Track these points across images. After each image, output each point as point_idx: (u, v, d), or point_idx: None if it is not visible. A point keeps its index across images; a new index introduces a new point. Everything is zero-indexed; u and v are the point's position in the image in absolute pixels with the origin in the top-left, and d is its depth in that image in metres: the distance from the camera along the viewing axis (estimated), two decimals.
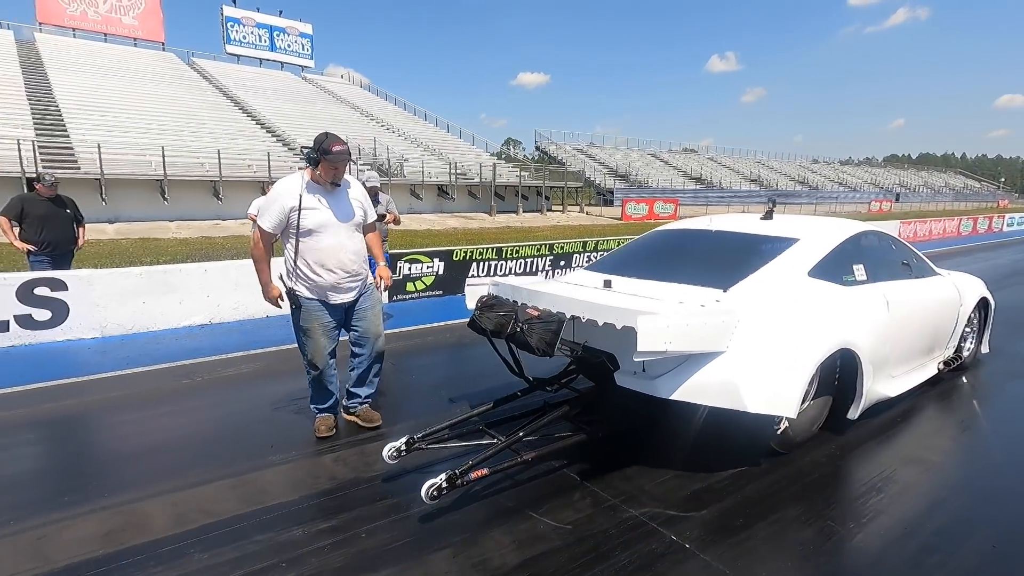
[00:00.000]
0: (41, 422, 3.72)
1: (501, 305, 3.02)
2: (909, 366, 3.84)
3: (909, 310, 3.68)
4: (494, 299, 3.15)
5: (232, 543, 2.34)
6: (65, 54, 28.41)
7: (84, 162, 18.14)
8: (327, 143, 2.95)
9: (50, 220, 5.58)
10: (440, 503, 2.55)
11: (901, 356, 3.67)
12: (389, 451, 2.82)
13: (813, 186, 53.45)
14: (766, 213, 3.89)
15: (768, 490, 2.79)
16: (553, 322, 2.70)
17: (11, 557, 2.24)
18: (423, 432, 2.96)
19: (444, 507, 2.59)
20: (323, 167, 2.99)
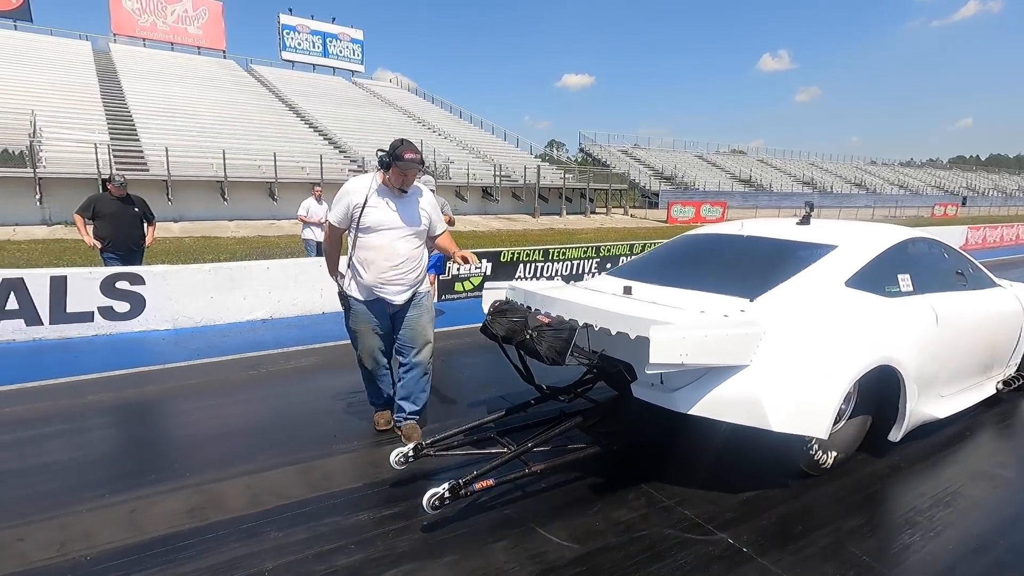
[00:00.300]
0: (125, 406, 4.02)
1: (513, 311, 2.93)
2: (962, 385, 3.57)
3: (962, 324, 3.42)
4: (506, 304, 3.06)
5: (302, 524, 2.49)
6: (136, 63, 30.21)
7: (153, 164, 19.26)
8: (400, 149, 2.96)
9: (119, 218, 5.89)
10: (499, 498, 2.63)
11: (952, 374, 3.42)
12: (397, 456, 2.79)
13: (871, 189, 51.09)
14: (803, 218, 3.66)
15: (826, 499, 2.75)
16: (564, 330, 2.61)
17: (109, 527, 2.46)
18: (433, 438, 2.96)
19: (504, 501, 2.67)
20: (393, 172, 3.01)
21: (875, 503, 2.79)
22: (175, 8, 35.06)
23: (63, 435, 3.45)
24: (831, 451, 2.90)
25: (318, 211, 8.39)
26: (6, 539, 2.36)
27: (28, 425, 3.56)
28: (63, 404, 3.93)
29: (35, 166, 16.80)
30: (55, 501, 2.65)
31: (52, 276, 5.62)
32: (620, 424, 3.16)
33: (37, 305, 5.54)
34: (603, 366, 2.82)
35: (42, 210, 16.78)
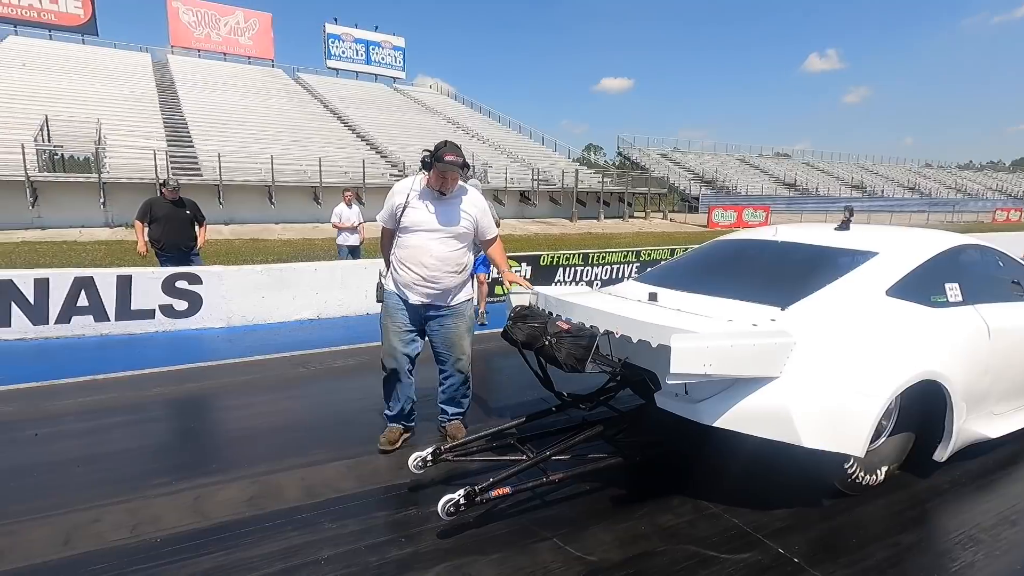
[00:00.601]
0: (184, 399, 4.24)
1: (534, 316, 2.88)
2: (1018, 402, 3.34)
3: (1018, 337, 3.19)
4: (527, 309, 3.01)
5: (354, 516, 2.57)
6: (192, 73, 31.68)
7: (206, 169, 20.16)
8: (442, 151, 2.93)
9: (171, 221, 6.19)
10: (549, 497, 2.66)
11: (1007, 391, 3.19)
12: (415, 460, 2.77)
13: (926, 193, 48.84)
14: (841, 223, 3.48)
15: (881, 513, 2.67)
16: (584, 337, 2.56)
17: (176, 512, 2.60)
18: (452, 443, 2.97)
19: (549, 502, 2.70)
20: (434, 173, 2.99)
21: (934, 518, 2.69)
22: (228, 20, 36.64)
23: (130, 425, 3.67)
24: (869, 470, 2.77)
25: (349, 216, 8.49)
26: (84, 520, 2.53)
27: (98, 415, 3.80)
28: (129, 396, 4.17)
29: (100, 172, 17.82)
30: (126, 486, 2.82)
31: (119, 275, 5.98)
32: (645, 434, 3.09)
33: (105, 302, 5.90)
34: (626, 374, 2.76)
35: (105, 213, 17.77)
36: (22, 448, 3.29)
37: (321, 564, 2.24)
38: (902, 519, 2.63)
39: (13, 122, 19.03)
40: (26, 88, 22.89)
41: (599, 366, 2.60)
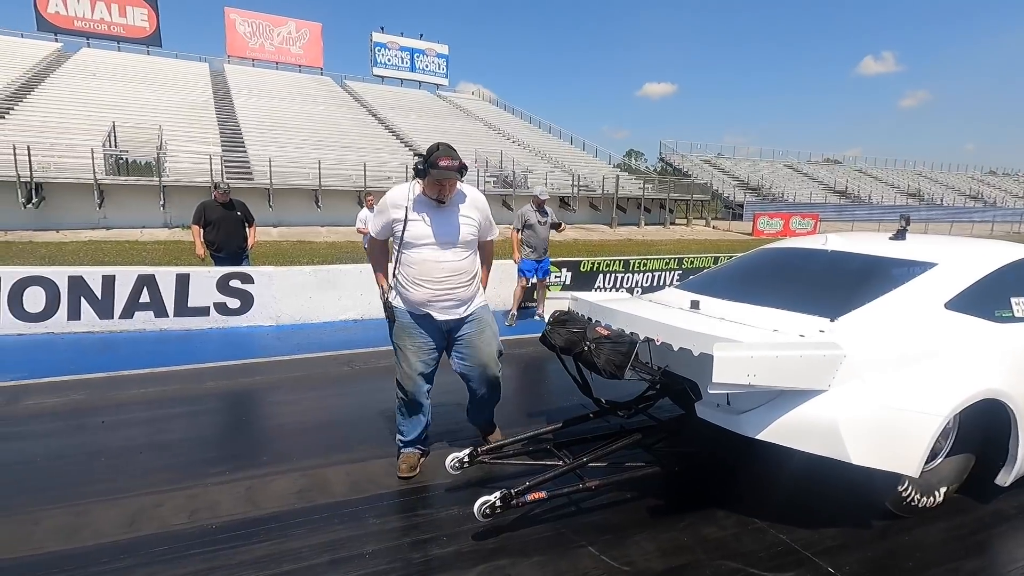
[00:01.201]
0: (237, 393, 4.42)
1: (574, 321, 2.85)
2: None
3: None
4: (566, 315, 2.97)
5: (398, 513, 2.64)
6: (246, 81, 33.08)
7: (257, 173, 20.97)
8: (435, 156, 2.66)
9: (223, 223, 6.46)
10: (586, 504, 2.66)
11: None
12: (452, 461, 2.79)
13: (990, 201, 46.18)
14: (897, 232, 3.35)
15: (940, 536, 2.55)
16: (624, 343, 2.54)
17: (231, 500, 2.72)
18: (488, 445, 2.98)
19: (588, 508, 2.69)
20: (428, 181, 2.72)
21: (998, 545, 2.54)
22: (280, 31, 38.13)
23: (187, 416, 3.86)
24: (925, 491, 2.63)
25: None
26: (147, 503, 2.67)
27: (158, 405, 4.01)
28: (187, 388, 4.39)
29: (160, 175, 18.80)
30: (185, 473, 2.97)
31: (178, 274, 6.29)
32: (684, 444, 3.04)
33: (164, 299, 6.22)
34: (666, 383, 2.72)
35: (164, 214, 18.71)
36: (90, 434, 3.51)
37: (366, 558, 2.30)
38: (964, 544, 2.50)
39: (84, 128, 20.31)
40: (96, 97, 24.42)
41: (638, 373, 2.59)
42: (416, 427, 3.03)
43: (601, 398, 3.09)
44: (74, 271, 6.05)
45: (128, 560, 2.27)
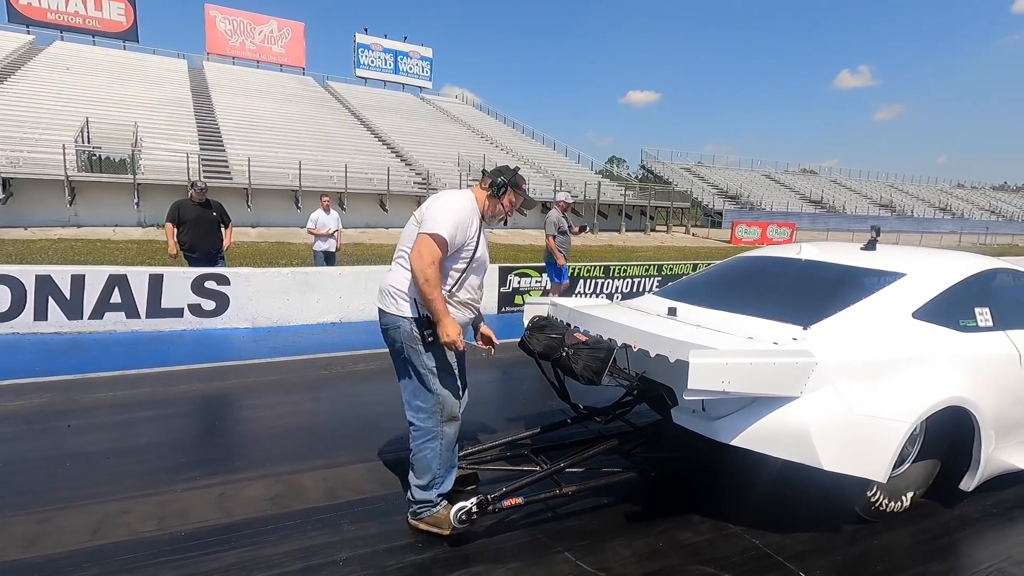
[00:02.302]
0: (211, 396, 4.33)
1: (552, 327, 2.83)
2: None
3: None
4: (545, 320, 2.97)
5: (374, 519, 2.60)
6: (226, 79, 32.58)
7: (236, 173, 20.63)
8: (518, 177, 2.58)
9: (198, 223, 6.32)
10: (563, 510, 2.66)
11: None
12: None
13: (958, 214, 47.66)
14: (868, 243, 3.42)
15: (908, 540, 2.61)
16: (602, 350, 2.54)
17: (202, 507, 2.66)
18: (466, 451, 2.94)
19: (564, 514, 2.70)
20: (507, 200, 2.56)
21: (963, 548, 2.62)
22: (262, 29, 37.68)
23: (158, 420, 3.76)
24: (893, 496, 2.70)
25: (327, 222, 8.16)
26: (114, 510, 2.60)
27: (127, 409, 3.90)
28: (158, 392, 4.28)
29: (135, 173, 18.38)
30: (154, 479, 2.89)
31: (151, 274, 6.15)
32: (661, 450, 3.07)
33: (137, 300, 6.07)
34: (643, 389, 2.74)
35: (138, 213, 18.28)
36: (55, 438, 3.40)
37: (340, 565, 2.27)
38: (930, 548, 2.57)
39: (56, 123, 19.77)
40: (69, 91, 23.79)
41: (616, 379, 2.60)
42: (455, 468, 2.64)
43: (579, 404, 3.10)
44: (42, 270, 5.88)
45: (93, 568, 2.20)
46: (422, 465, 2.46)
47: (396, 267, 2.52)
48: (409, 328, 2.41)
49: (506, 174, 2.57)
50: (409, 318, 2.41)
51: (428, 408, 2.45)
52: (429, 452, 2.45)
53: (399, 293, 2.44)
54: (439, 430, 2.46)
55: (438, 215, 2.38)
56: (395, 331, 2.45)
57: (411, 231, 2.47)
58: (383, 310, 2.50)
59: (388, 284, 2.49)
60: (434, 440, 2.45)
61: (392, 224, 22.57)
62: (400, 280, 2.45)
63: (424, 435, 2.46)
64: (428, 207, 2.46)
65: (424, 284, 2.30)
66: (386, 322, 2.49)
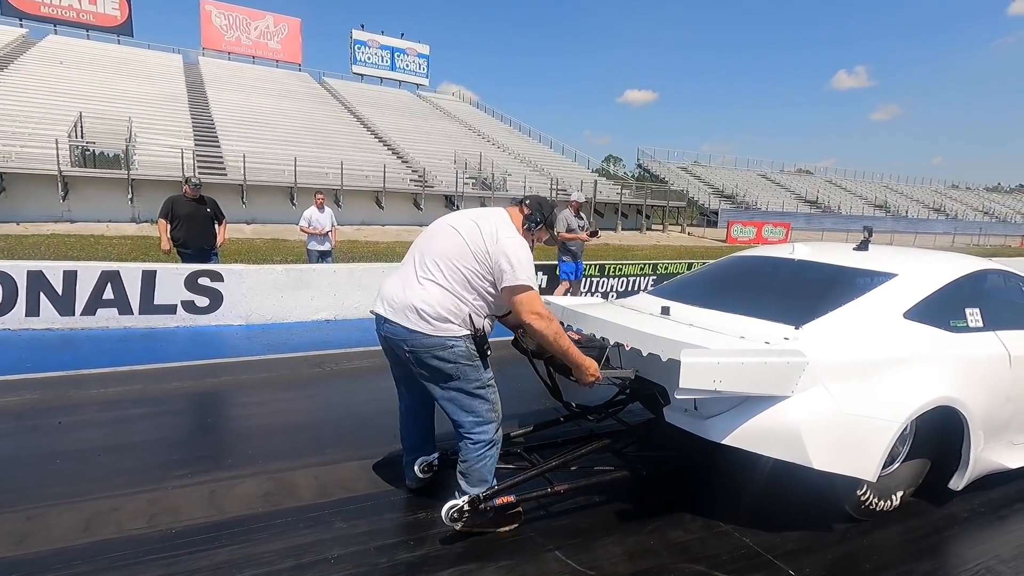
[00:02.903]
0: (203, 394, 4.32)
1: None
2: None
3: None
4: None
5: (366, 517, 2.59)
6: (221, 74, 32.40)
7: (231, 169, 20.54)
8: (554, 216, 2.59)
9: (192, 219, 6.32)
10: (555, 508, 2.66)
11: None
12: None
13: (952, 215, 47.94)
14: (860, 243, 3.43)
15: (897, 539, 2.63)
16: (595, 348, 2.54)
17: (192, 504, 2.65)
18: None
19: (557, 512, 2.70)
20: (539, 234, 2.57)
21: (951, 547, 2.64)
22: (258, 24, 37.48)
23: (150, 417, 3.74)
24: (883, 495, 2.71)
25: (321, 220, 7.98)
26: (104, 507, 2.58)
27: (119, 406, 3.88)
28: (150, 388, 4.26)
29: (129, 168, 18.28)
30: (145, 477, 2.88)
31: (144, 270, 6.11)
32: (653, 449, 3.07)
33: (129, 296, 6.04)
34: (636, 387, 2.75)
35: (132, 208, 18.20)
36: (46, 435, 3.38)
37: (331, 563, 2.26)
38: (918, 547, 2.59)
39: (48, 118, 19.62)
40: (62, 85, 23.61)
41: (609, 378, 2.59)
42: None
43: (572, 402, 3.10)
44: (33, 265, 5.84)
45: (82, 566, 2.19)
46: (480, 476, 2.42)
47: (428, 284, 2.33)
48: (466, 347, 2.32)
49: (545, 210, 2.52)
50: (463, 336, 2.31)
51: (485, 418, 2.41)
52: (490, 460, 2.43)
53: (441, 314, 2.28)
54: (497, 437, 2.45)
55: (523, 263, 2.31)
56: (443, 351, 2.30)
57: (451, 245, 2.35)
58: (415, 330, 2.29)
59: (422, 304, 2.29)
60: (493, 448, 2.44)
61: (388, 222, 22.54)
62: (439, 299, 2.29)
63: (484, 446, 2.41)
64: (500, 244, 2.31)
65: (556, 338, 2.33)
66: (427, 344, 2.30)
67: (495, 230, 2.37)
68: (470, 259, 2.32)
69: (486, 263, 2.32)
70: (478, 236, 2.35)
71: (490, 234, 2.35)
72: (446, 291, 2.31)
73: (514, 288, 2.29)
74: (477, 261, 2.32)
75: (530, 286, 2.30)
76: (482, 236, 2.35)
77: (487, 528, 2.45)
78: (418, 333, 2.30)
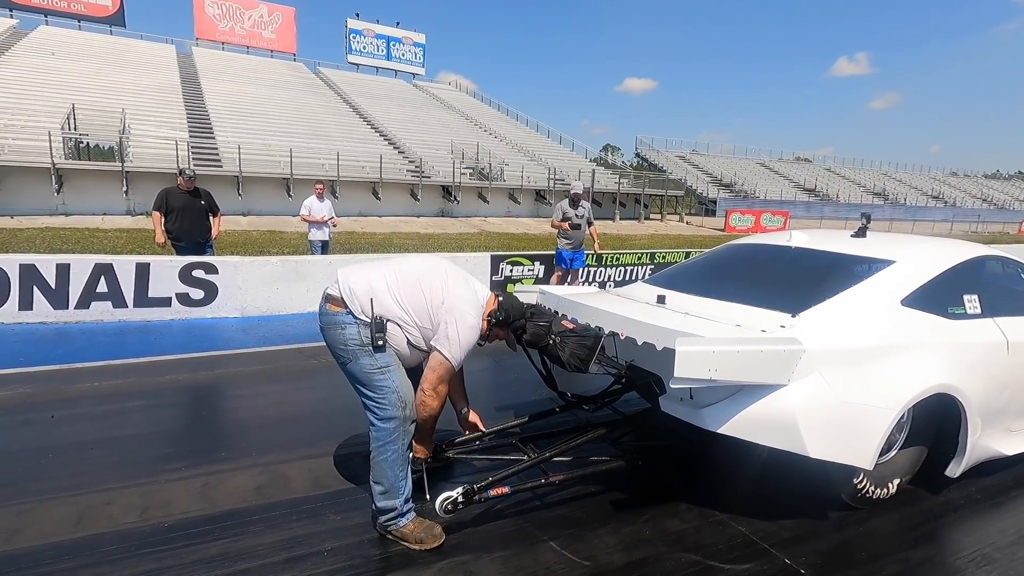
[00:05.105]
0: (198, 386, 4.30)
1: (540, 315, 2.72)
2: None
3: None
4: (533, 308, 2.85)
5: (360, 509, 2.57)
6: (215, 65, 32.08)
7: (226, 161, 20.38)
8: (517, 324, 2.55)
9: (186, 212, 6.24)
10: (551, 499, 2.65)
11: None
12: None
13: (950, 202, 47.87)
14: (858, 230, 3.40)
15: (893, 526, 2.62)
16: (589, 337, 2.51)
17: (185, 498, 2.63)
18: (452, 439, 2.92)
19: (552, 503, 2.69)
20: (496, 331, 2.55)
21: (947, 534, 2.63)
22: (252, 14, 37.04)
23: (144, 410, 3.72)
24: (879, 483, 2.71)
25: (320, 210, 8.15)
26: (96, 502, 2.57)
27: (112, 400, 3.86)
28: (144, 382, 4.24)
29: (123, 160, 18.14)
30: (138, 470, 2.86)
31: (137, 263, 6.07)
32: (649, 438, 3.06)
33: (124, 289, 6.00)
34: (632, 377, 2.73)
35: (127, 201, 18.07)
36: (39, 429, 3.36)
37: (324, 555, 2.25)
38: (915, 534, 2.58)
39: (41, 110, 19.44)
40: (55, 77, 23.37)
41: (604, 367, 2.58)
42: None
43: (567, 392, 3.09)
44: (26, 259, 5.79)
45: (74, 561, 2.18)
46: (381, 471, 2.32)
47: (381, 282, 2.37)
48: (358, 331, 2.32)
49: (512, 315, 2.53)
50: (361, 321, 2.31)
51: (384, 403, 2.32)
52: (391, 455, 2.31)
53: (364, 301, 2.31)
54: (399, 439, 2.32)
55: (460, 339, 2.34)
56: (338, 330, 2.36)
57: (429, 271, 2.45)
58: (338, 304, 2.35)
59: (357, 287, 2.34)
60: (393, 447, 2.31)
61: (385, 212, 22.44)
62: (375, 289, 2.34)
63: (387, 437, 2.31)
64: (460, 313, 2.36)
65: (421, 407, 2.39)
66: (325, 321, 2.42)
67: (463, 301, 2.42)
68: (433, 292, 2.39)
69: (439, 311, 2.38)
70: (449, 291, 2.42)
71: (460, 297, 2.42)
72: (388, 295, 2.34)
73: (440, 357, 2.35)
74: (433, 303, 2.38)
75: (451, 361, 2.35)
76: (452, 292, 2.42)
77: (405, 541, 2.33)
78: (336, 308, 2.37)
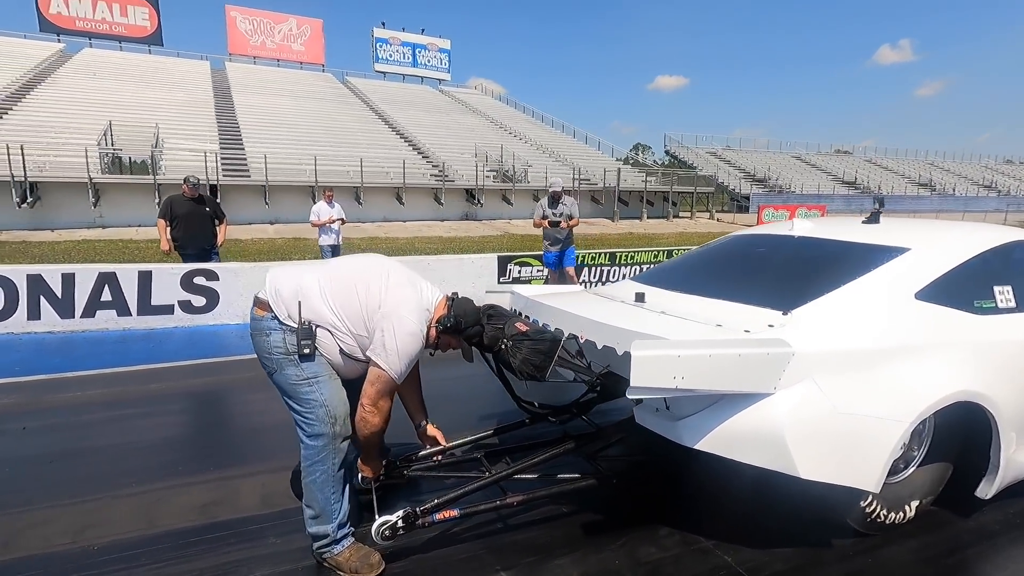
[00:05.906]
0: (184, 395, 4.23)
1: (499, 317, 2.42)
2: None
3: None
4: (492, 309, 2.52)
5: (303, 532, 2.36)
6: (247, 78, 32.97)
7: (254, 171, 20.82)
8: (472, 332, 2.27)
9: (191, 219, 6.26)
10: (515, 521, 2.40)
11: None
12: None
13: (1004, 191, 45.13)
14: (871, 215, 3.07)
15: (909, 556, 2.26)
16: (544, 341, 2.22)
17: (128, 517, 2.48)
18: (408, 454, 2.64)
19: (515, 526, 2.43)
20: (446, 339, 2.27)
21: (977, 566, 2.26)
22: (281, 27, 37.99)
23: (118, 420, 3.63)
24: (894, 506, 2.33)
25: (329, 214, 8.27)
26: (37, 520, 2.44)
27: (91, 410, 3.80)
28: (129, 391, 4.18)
29: (155, 173, 18.72)
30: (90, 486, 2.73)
31: (140, 271, 6.09)
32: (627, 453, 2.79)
33: (127, 297, 6.03)
34: (607, 385, 2.44)
35: None
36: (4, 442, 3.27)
37: None
38: (937, 567, 2.21)
39: (81, 128, 20.26)
40: (94, 96, 24.39)
41: (572, 374, 2.30)
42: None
43: (533, 402, 2.81)
44: (32, 269, 5.88)
45: None
46: (311, 494, 2.09)
47: (313, 283, 2.12)
48: (283, 337, 2.05)
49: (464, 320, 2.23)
50: (287, 328, 2.05)
51: (312, 418, 2.07)
52: (320, 477, 2.07)
53: (291, 304, 2.07)
54: (329, 459, 2.08)
55: (399, 348, 2.05)
56: (263, 337, 2.08)
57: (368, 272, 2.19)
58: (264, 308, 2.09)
59: (284, 289, 2.09)
60: (322, 467, 2.07)
61: (409, 217, 22.51)
62: (305, 290, 2.09)
63: (315, 455, 2.07)
64: (389, 316, 2.08)
65: (361, 424, 2.11)
66: (254, 327, 2.13)
67: (403, 305, 2.12)
68: (370, 295, 2.11)
69: (375, 317, 2.09)
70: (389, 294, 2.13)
71: (399, 301, 2.12)
72: (321, 302, 2.08)
73: (378, 365, 2.06)
74: (369, 308, 2.09)
75: (390, 374, 2.06)
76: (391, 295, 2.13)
77: (340, 570, 2.09)
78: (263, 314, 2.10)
